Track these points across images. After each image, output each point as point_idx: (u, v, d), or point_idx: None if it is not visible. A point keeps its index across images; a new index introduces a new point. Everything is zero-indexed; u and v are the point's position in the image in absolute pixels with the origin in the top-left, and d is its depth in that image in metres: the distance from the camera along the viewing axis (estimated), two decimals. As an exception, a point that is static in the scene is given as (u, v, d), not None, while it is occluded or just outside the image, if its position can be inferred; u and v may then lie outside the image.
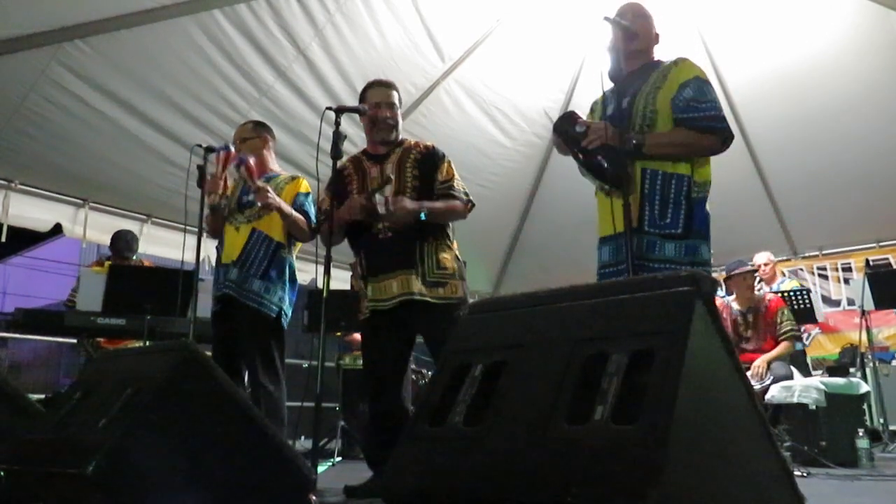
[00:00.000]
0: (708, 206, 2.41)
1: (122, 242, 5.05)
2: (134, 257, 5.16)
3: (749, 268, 5.01)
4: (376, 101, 2.90)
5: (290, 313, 3.32)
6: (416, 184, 2.79)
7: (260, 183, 3.16)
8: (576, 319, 1.26)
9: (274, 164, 3.56)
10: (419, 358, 5.33)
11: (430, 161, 2.86)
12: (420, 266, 2.71)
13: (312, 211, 3.33)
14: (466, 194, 2.88)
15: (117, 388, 1.97)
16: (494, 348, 1.33)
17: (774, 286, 5.84)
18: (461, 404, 1.27)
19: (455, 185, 2.85)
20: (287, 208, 3.21)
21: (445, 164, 2.88)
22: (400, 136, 2.97)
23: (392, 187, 2.77)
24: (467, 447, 1.20)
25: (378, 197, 2.66)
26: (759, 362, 4.62)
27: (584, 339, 1.20)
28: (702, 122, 2.33)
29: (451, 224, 2.92)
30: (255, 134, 3.50)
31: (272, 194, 3.16)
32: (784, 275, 6.45)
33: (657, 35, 2.62)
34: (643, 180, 2.36)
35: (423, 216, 2.69)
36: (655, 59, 2.59)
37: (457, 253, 2.88)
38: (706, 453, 1.05)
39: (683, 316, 1.09)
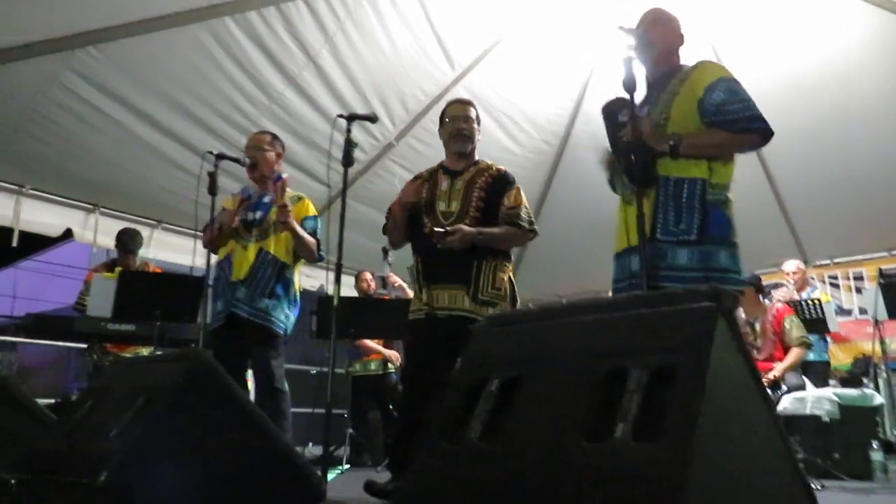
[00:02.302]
0: (729, 212, 2.34)
1: (127, 237, 5.06)
2: (139, 252, 5.17)
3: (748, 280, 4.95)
4: (452, 116, 3.03)
5: (291, 329, 3.40)
6: (480, 205, 2.85)
7: (287, 200, 3.26)
8: (594, 334, 1.24)
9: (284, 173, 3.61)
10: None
11: (499, 185, 2.93)
12: (474, 284, 2.74)
13: (320, 233, 3.41)
14: (531, 223, 2.94)
15: (129, 397, 1.97)
16: (511, 363, 1.32)
17: (805, 294, 5.80)
18: (477, 420, 1.26)
19: (521, 213, 2.90)
20: (300, 230, 3.28)
21: (514, 191, 2.94)
22: (476, 156, 3.06)
23: (457, 204, 2.87)
24: (483, 464, 1.18)
25: (438, 231, 2.75)
26: (777, 372, 4.57)
27: (602, 354, 1.18)
28: (739, 123, 2.29)
29: None
30: (272, 147, 3.55)
31: (292, 218, 3.24)
32: (813, 283, 6.39)
33: (681, 37, 2.56)
34: (657, 188, 2.32)
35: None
36: (680, 63, 2.53)
37: (511, 275, 2.92)
38: (728, 473, 1.03)
39: (705, 332, 1.07)
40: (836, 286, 7.23)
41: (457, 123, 3.00)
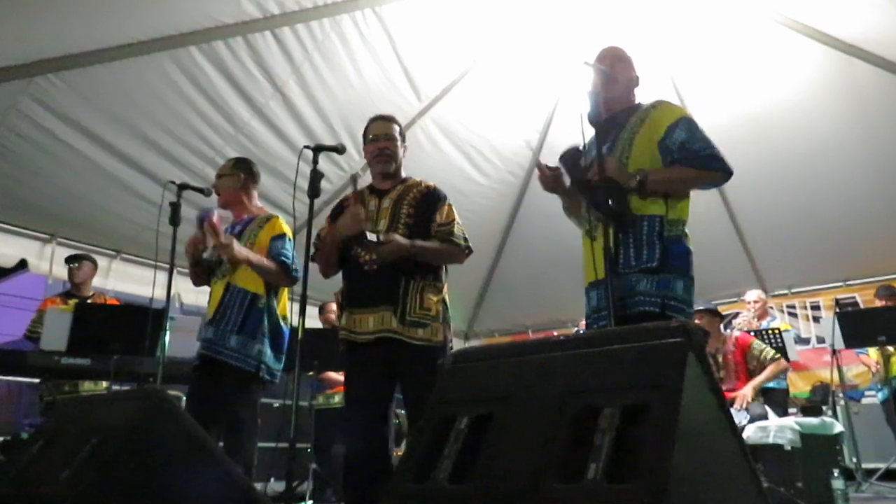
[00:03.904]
0: (688, 244, 2.39)
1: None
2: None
3: (710, 308, 5.05)
4: (374, 135, 2.91)
5: (274, 364, 3.18)
6: (409, 221, 2.73)
7: (223, 238, 3.04)
8: (564, 371, 1.22)
9: (254, 204, 3.45)
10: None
11: (429, 201, 2.82)
12: (401, 303, 2.62)
13: (290, 253, 3.22)
14: (465, 239, 2.82)
15: (81, 438, 1.89)
16: (480, 400, 1.29)
17: (765, 323, 5.91)
18: (446, 460, 1.22)
19: (454, 229, 2.79)
20: (255, 258, 3.10)
21: (446, 207, 2.83)
22: (403, 174, 2.94)
23: (385, 223, 2.74)
24: (454, 506, 1.15)
25: (370, 235, 2.60)
26: (747, 390, 4.63)
27: (573, 392, 1.16)
28: (700, 161, 2.34)
29: (445, 266, 2.86)
30: (232, 172, 3.41)
31: (237, 247, 3.06)
32: (772, 312, 6.51)
33: (637, 78, 2.63)
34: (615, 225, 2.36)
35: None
36: (636, 102, 2.60)
37: (445, 296, 2.79)
38: (702, 513, 1.02)
39: (676, 369, 1.07)
40: (794, 315, 7.39)
41: (378, 143, 2.89)
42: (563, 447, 1.09)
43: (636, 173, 2.32)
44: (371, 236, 2.57)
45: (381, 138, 2.89)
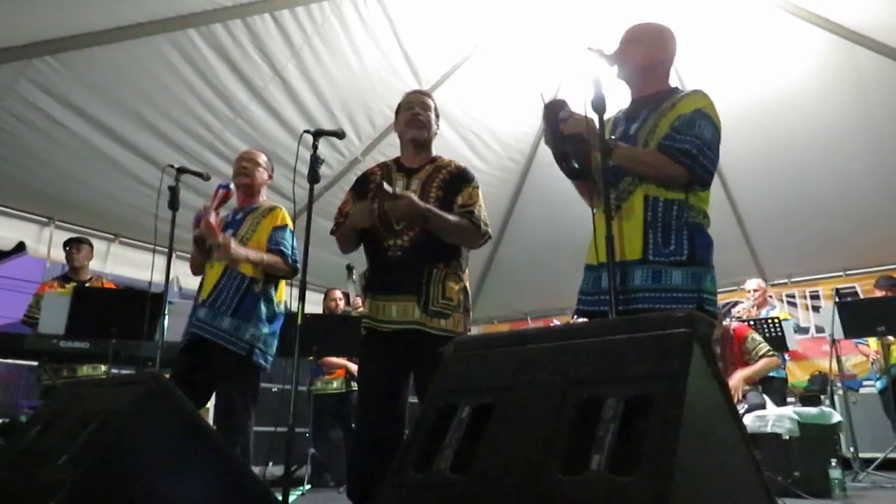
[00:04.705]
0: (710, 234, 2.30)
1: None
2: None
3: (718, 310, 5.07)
4: (409, 102, 2.84)
5: (268, 349, 3.18)
6: (437, 205, 2.64)
7: (221, 239, 3.05)
8: (568, 360, 1.21)
9: (262, 196, 3.44)
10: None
11: (456, 182, 2.73)
12: (424, 293, 2.56)
13: (290, 244, 3.22)
14: (485, 223, 2.74)
15: (80, 423, 1.88)
16: (482, 389, 1.28)
17: (764, 312, 5.91)
18: (448, 449, 1.21)
19: (475, 211, 2.70)
20: (254, 255, 3.11)
21: (470, 189, 2.73)
22: (433, 152, 2.85)
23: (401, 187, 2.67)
24: (454, 496, 1.14)
25: (387, 186, 2.53)
26: (735, 382, 4.64)
27: (577, 382, 1.15)
28: (673, 151, 2.20)
29: (465, 252, 2.78)
30: (267, 166, 3.44)
31: (234, 247, 3.06)
32: (772, 301, 6.50)
33: (667, 57, 2.47)
34: (645, 208, 2.25)
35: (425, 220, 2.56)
36: (673, 86, 2.46)
37: (466, 283, 2.73)
38: (705, 503, 1.01)
39: (681, 360, 1.05)
40: (793, 304, 7.39)
41: (413, 110, 2.79)
42: (566, 438, 1.08)
43: (611, 141, 2.26)
44: (388, 188, 2.51)
45: (416, 106, 2.81)
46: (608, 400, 1.08)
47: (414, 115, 2.78)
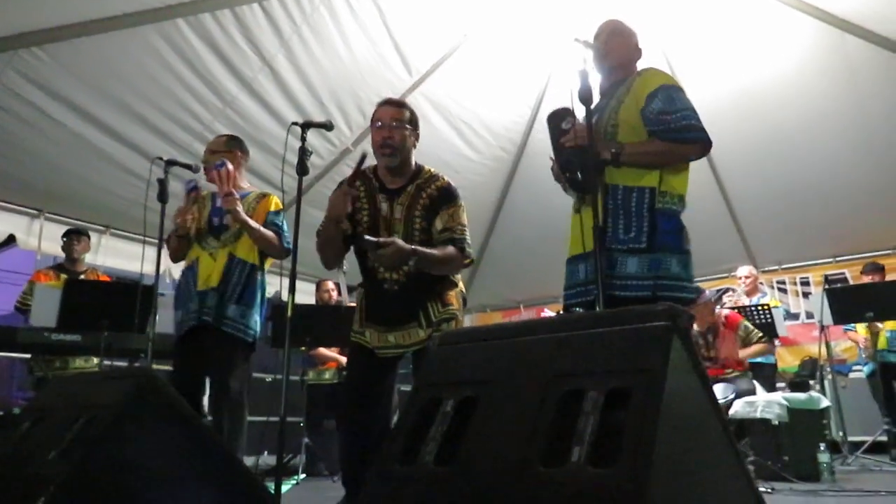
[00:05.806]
0: (681, 218, 2.34)
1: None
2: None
3: (710, 299, 5.14)
4: (380, 121, 2.60)
5: (258, 333, 3.28)
6: (423, 237, 2.54)
7: (227, 188, 3.12)
8: (549, 354, 1.22)
9: (244, 182, 3.46)
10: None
11: (439, 203, 2.58)
12: (425, 317, 2.56)
13: (284, 226, 3.27)
14: (468, 246, 2.60)
15: (70, 417, 1.88)
16: (466, 382, 1.29)
17: (755, 299, 5.95)
18: (432, 442, 1.23)
19: (456, 233, 2.56)
20: (253, 223, 3.16)
21: (451, 210, 2.58)
22: (415, 163, 2.67)
23: (400, 237, 2.52)
24: (438, 488, 1.15)
25: (368, 238, 2.43)
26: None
27: (558, 376, 1.16)
28: (674, 133, 2.27)
29: None
30: (227, 148, 3.40)
31: (240, 206, 3.13)
32: (762, 288, 6.54)
33: (638, 51, 2.57)
34: (606, 196, 2.31)
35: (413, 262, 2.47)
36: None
37: (461, 285, 2.72)
38: (686, 495, 1.03)
39: (661, 353, 1.07)
40: (783, 291, 7.44)
41: (383, 131, 2.56)
42: (548, 431, 1.09)
43: (612, 145, 2.29)
44: (370, 238, 2.42)
45: (387, 125, 2.58)
46: (589, 393, 1.09)
47: (384, 140, 2.56)
